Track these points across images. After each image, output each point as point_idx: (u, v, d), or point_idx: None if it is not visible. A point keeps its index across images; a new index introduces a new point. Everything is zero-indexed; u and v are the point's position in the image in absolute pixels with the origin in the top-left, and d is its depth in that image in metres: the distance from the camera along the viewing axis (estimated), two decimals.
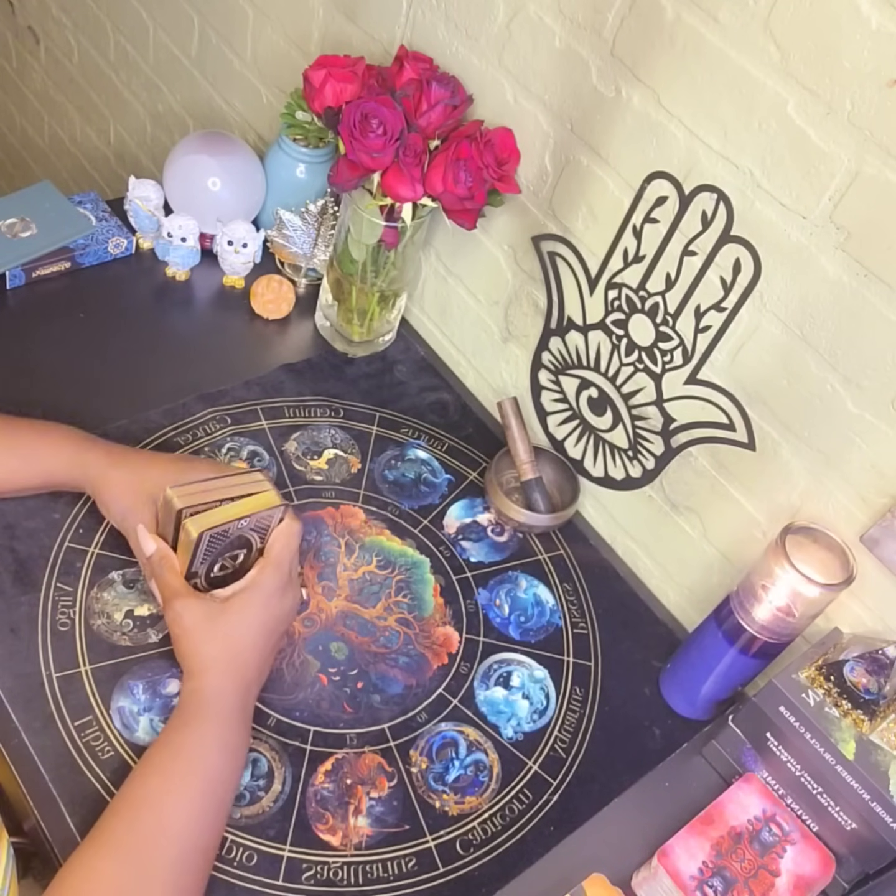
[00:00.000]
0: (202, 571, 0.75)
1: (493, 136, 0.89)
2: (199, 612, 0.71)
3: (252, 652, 0.72)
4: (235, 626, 0.72)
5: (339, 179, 0.91)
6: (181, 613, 0.71)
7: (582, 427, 0.97)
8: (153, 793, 0.66)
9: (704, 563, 0.91)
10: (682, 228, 0.81)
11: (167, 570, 0.73)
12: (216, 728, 0.69)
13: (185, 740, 0.68)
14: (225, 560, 0.76)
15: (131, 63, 1.49)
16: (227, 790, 0.69)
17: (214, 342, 1.06)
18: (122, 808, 0.65)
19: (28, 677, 0.76)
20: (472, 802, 0.78)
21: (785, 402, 0.79)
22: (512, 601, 0.91)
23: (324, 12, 1.08)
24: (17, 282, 1.02)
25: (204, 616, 0.71)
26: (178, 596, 0.72)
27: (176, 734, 0.69)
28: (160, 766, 0.67)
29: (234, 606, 0.72)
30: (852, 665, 0.75)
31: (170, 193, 1.10)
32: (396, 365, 1.09)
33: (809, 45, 0.68)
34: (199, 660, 0.71)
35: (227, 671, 0.71)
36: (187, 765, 0.67)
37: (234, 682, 0.71)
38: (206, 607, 0.72)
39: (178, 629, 0.72)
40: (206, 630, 0.71)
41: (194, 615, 0.71)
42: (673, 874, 0.71)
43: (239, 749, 0.71)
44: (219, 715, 0.70)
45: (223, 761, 0.69)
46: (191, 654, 0.71)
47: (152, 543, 0.74)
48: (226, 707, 0.70)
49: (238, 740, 0.71)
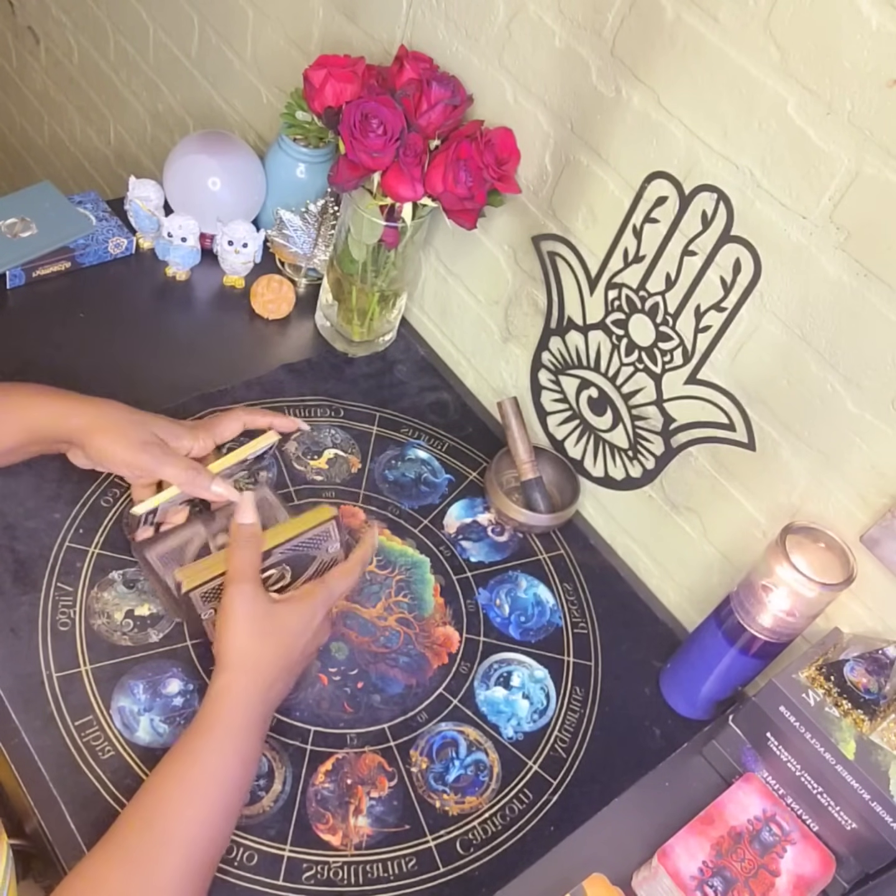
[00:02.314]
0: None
1: (493, 136, 0.89)
2: (254, 604, 0.70)
3: (283, 661, 0.71)
4: (277, 631, 0.70)
5: (339, 179, 0.91)
6: (235, 598, 0.70)
7: (582, 427, 0.97)
8: (168, 800, 0.65)
9: (704, 563, 0.91)
10: (682, 228, 0.81)
11: (250, 548, 0.72)
12: (237, 738, 0.68)
13: (205, 748, 0.67)
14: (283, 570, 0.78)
15: (131, 63, 1.49)
16: (239, 802, 0.68)
17: (214, 342, 1.06)
18: (136, 814, 0.65)
19: (28, 677, 0.76)
20: (472, 802, 0.78)
21: (785, 402, 0.79)
22: (512, 601, 0.91)
23: (324, 12, 1.08)
24: (17, 282, 1.02)
25: (256, 609, 0.70)
26: (246, 579, 0.71)
27: (198, 740, 0.67)
28: (178, 773, 0.66)
29: (283, 611, 0.71)
30: (852, 665, 0.75)
31: (170, 193, 1.10)
32: (396, 365, 1.09)
33: (809, 45, 0.68)
34: (234, 653, 0.69)
35: (257, 674, 0.69)
36: (205, 774, 0.66)
37: (259, 689, 0.69)
38: (259, 601, 0.70)
39: (225, 612, 0.70)
40: (250, 624, 0.70)
41: (249, 604, 0.70)
42: (673, 874, 0.71)
43: (255, 762, 0.70)
44: (241, 725, 0.68)
45: (239, 773, 0.68)
46: (228, 641, 0.70)
47: (253, 516, 0.74)
48: (248, 717, 0.69)
49: (255, 753, 0.70)
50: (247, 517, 0.74)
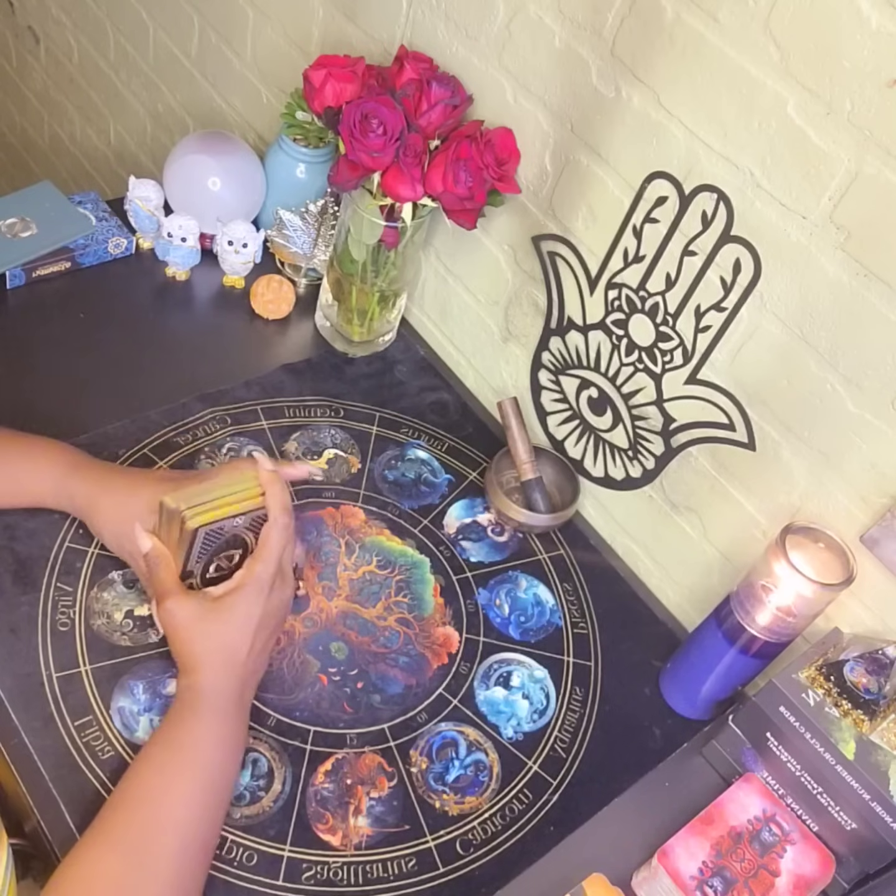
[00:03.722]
0: (198, 571, 0.75)
1: (493, 136, 0.89)
2: (191, 610, 0.71)
3: (245, 647, 0.72)
4: (227, 623, 0.71)
5: (339, 179, 0.91)
6: (173, 611, 0.71)
7: (582, 427, 0.97)
8: (150, 787, 0.66)
9: (704, 563, 0.91)
10: (682, 228, 0.81)
11: (162, 567, 0.73)
12: (211, 722, 0.69)
13: (180, 735, 0.69)
14: (220, 560, 0.76)
15: (131, 63, 1.49)
16: (225, 784, 0.69)
17: (214, 342, 1.06)
18: (120, 803, 0.66)
19: (28, 677, 0.76)
20: (472, 802, 0.78)
21: (785, 402, 0.79)
22: (512, 601, 0.91)
23: (324, 12, 1.08)
24: (17, 282, 1.02)
25: (195, 613, 0.71)
26: (171, 594, 0.72)
27: (171, 729, 0.69)
28: (157, 760, 0.68)
29: (226, 603, 0.72)
30: (852, 665, 0.75)
31: (170, 193, 1.10)
32: (396, 365, 1.09)
33: (809, 45, 0.68)
34: (193, 657, 0.71)
35: (221, 667, 0.71)
36: (183, 758, 0.68)
37: (229, 677, 0.71)
38: (197, 605, 0.72)
39: (170, 627, 0.72)
40: (198, 627, 0.71)
41: (186, 613, 0.71)
42: (673, 874, 0.71)
43: (235, 743, 0.71)
44: (214, 709, 0.70)
45: (220, 755, 0.69)
46: (184, 651, 0.71)
47: (148, 541, 0.74)
48: (220, 701, 0.70)
49: (234, 734, 0.71)
50: (144, 544, 0.74)
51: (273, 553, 0.73)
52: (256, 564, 0.73)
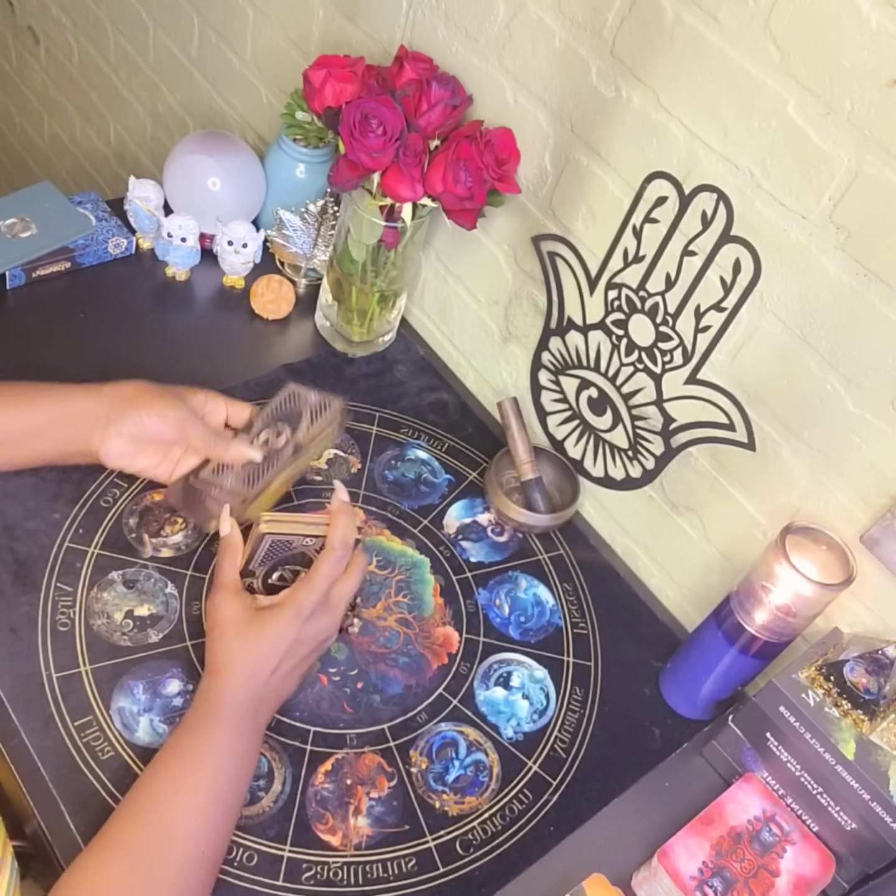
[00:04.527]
0: (260, 574, 0.77)
1: (493, 136, 0.89)
2: (234, 612, 0.72)
3: (269, 666, 0.71)
4: (258, 636, 0.71)
5: (339, 179, 0.91)
6: (218, 606, 0.73)
7: (582, 427, 0.97)
8: (161, 796, 0.66)
9: (704, 563, 0.91)
10: (682, 228, 0.81)
11: (229, 557, 0.75)
12: (225, 734, 0.69)
13: (193, 743, 0.68)
14: (285, 571, 0.78)
15: (131, 63, 1.49)
16: (236, 795, 0.69)
17: (214, 342, 1.06)
18: (131, 810, 0.65)
19: (28, 677, 0.76)
20: (472, 802, 0.78)
21: (785, 402, 0.79)
22: (512, 601, 0.91)
23: (324, 12, 1.08)
24: (17, 282, 1.02)
25: (236, 617, 0.72)
26: (224, 588, 0.73)
27: (184, 737, 0.68)
28: (169, 769, 0.67)
29: (265, 617, 0.72)
30: (852, 665, 0.75)
31: (170, 193, 1.10)
32: (396, 365, 1.09)
33: (809, 45, 0.68)
34: (220, 659, 0.71)
35: (242, 678, 0.70)
36: (195, 769, 0.67)
37: (248, 690, 0.70)
38: (241, 609, 0.72)
39: (210, 621, 0.73)
40: (232, 632, 0.71)
41: (227, 613, 0.72)
42: (673, 874, 0.71)
43: (248, 755, 0.70)
44: (229, 720, 0.69)
45: (232, 766, 0.68)
46: (213, 649, 0.72)
47: (229, 526, 0.76)
48: (237, 712, 0.69)
49: (248, 747, 0.70)
50: (224, 527, 0.77)
51: (319, 582, 0.73)
52: (301, 589, 0.73)
